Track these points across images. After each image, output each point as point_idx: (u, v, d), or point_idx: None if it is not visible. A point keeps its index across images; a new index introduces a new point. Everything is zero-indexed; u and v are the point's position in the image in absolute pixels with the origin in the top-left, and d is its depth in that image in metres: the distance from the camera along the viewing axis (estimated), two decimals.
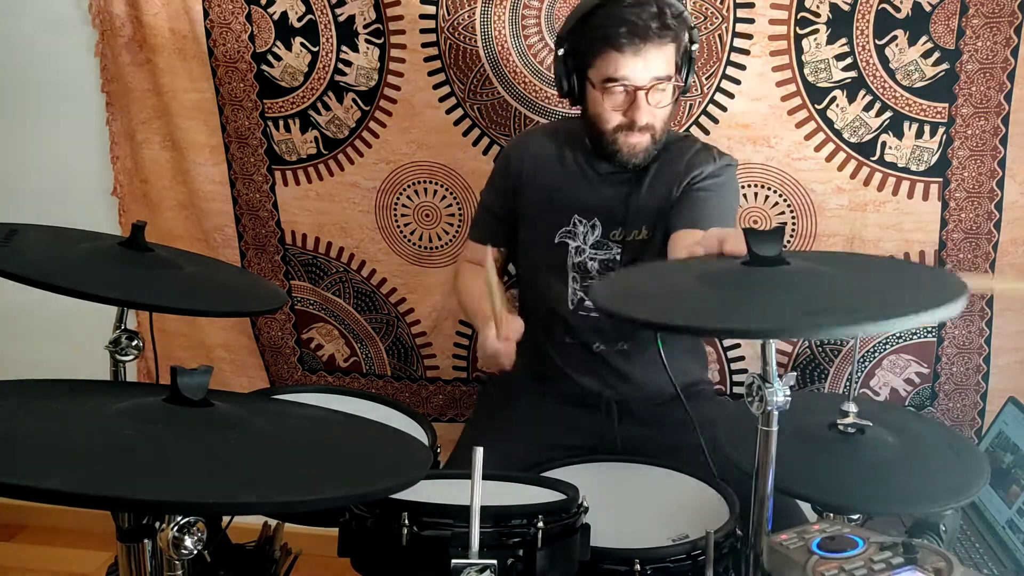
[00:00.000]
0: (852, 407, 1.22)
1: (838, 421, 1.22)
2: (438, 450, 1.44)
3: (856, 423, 1.21)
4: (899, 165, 1.80)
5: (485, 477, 1.02)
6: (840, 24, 1.74)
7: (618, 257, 1.60)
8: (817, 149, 1.81)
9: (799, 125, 1.80)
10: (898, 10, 1.72)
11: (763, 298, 1.00)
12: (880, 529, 1.08)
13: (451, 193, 1.96)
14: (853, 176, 1.81)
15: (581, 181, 1.62)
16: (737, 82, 1.80)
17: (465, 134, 1.92)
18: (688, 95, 1.81)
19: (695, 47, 1.52)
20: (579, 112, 1.61)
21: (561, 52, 1.53)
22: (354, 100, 1.93)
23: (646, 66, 1.45)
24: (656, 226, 1.58)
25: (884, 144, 1.79)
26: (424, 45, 1.87)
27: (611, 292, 1.16)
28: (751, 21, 1.77)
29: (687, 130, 1.83)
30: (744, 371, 1.98)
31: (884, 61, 1.75)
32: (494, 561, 1.01)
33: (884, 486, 1.15)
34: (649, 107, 1.48)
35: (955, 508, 1.20)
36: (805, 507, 1.36)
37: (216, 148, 2.02)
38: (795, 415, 1.04)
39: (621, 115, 1.51)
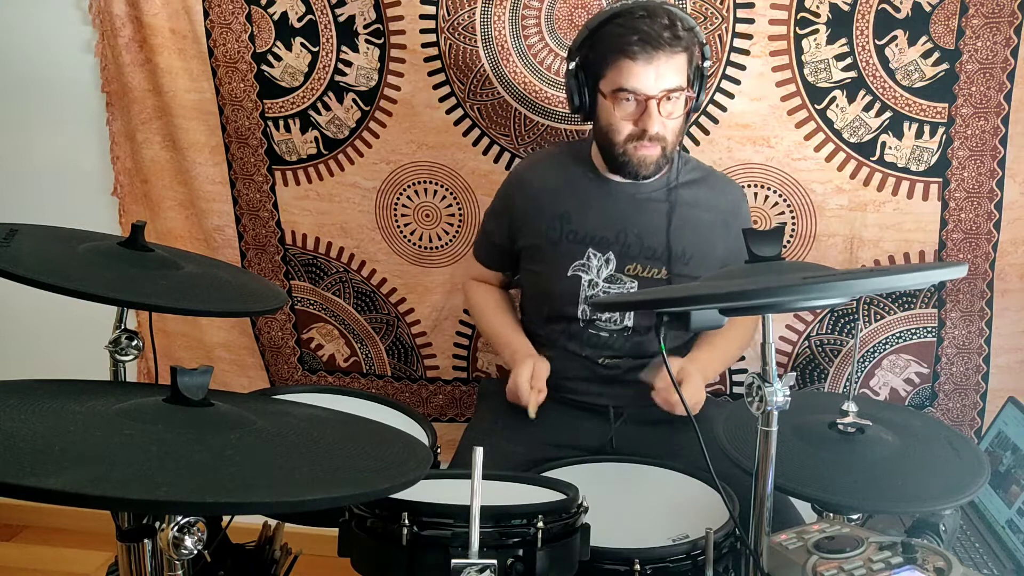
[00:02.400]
0: (852, 406, 1.22)
1: (838, 420, 1.22)
2: (438, 450, 1.44)
3: (856, 422, 1.21)
4: (899, 165, 1.80)
5: (485, 477, 1.02)
6: (840, 24, 1.74)
7: (633, 291, 1.60)
8: (817, 149, 1.81)
9: (799, 125, 1.80)
10: (898, 10, 1.72)
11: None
12: (880, 529, 1.08)
13: (451, 193, 1.96)
14: (853, 176, 1.81)
15: (594, 206, 1.61)
16: (737, 82, 1.80)
17: (465, 134, 1.92)
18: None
19: (707, 63, 1.54)
20: (588, 128, 1.62)
21: (572, 65, 1.54)
22: (354, 100, 1.93)
23: (657, 75, 1.46)
24: (678, 268, 1.58)
25: (884, 144, 1.79)
26: (424, 45, 1.87)
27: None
28: (751, 21, 1.77)
29: (687, 131, 1.83)
30: (744, 371, 1.98)
31: (884, 61, 1.75)
32: (494, 561, 1.01)
33: (884, 485, 1.15)
34: (660, 117, 1.49)
35: (956, 507, 1.19)
36: (804, 507, 1.36)
37: (216, 148, 2.02)
38: (795, 414, 1.04)
39: (632, 124, 1.51)
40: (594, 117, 1.57)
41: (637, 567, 1.14)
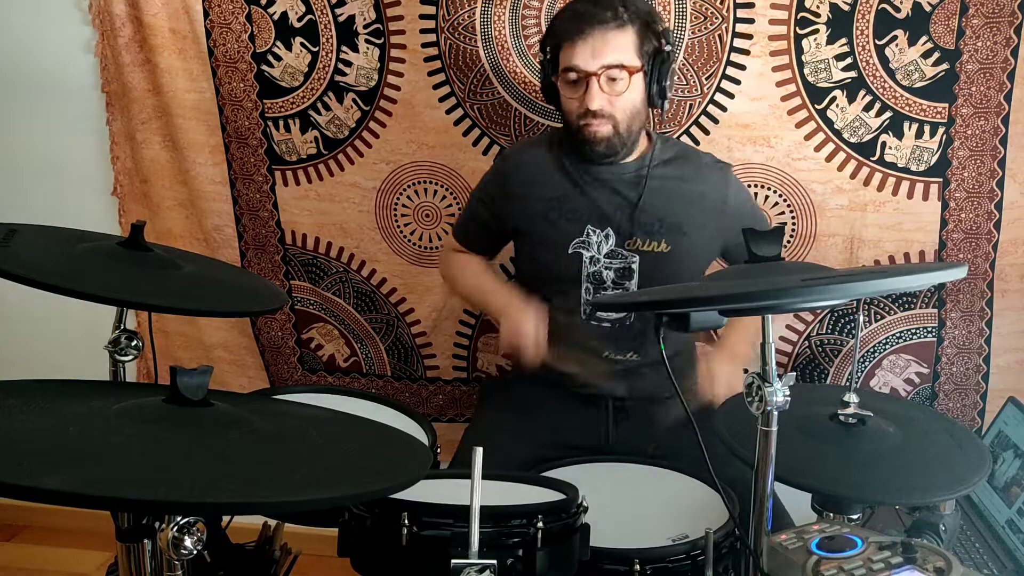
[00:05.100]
0: (853, 397, 1.21)
1: (839, 412, 1.22)
2: (438, 450, 1.44)
3: (857, 413, 1.21)
4: (899, 165, 1.80)
5: (485, 477, 1.02)
6: (840, 24, 1.74)
7: (634, 266, 1.60)
8: (817, 149, 1.81)
9: (799, 125, 1.80)
10: (898, 10, 1.72)
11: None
12: (879, 529, 1.08)
13: (451, 193, 1.96)
14: (853, 176, 1.81)
15: (585, 188, 1.62)
16: (737, 82, 1.80)
17: (465, 134, 1.92)
18: (688, 95, 1.82)
19: (668, 48, 1.54)
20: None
21: (540, 58, 1.61)
22: (354, 100, 1.93)
23: (594, 53, 1.49)
24: (677, 242, 1.60)
25: (884, 144, 1.79)
26: (424, 45, 1.87)
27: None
28: (751, 21, 1.77)
29: (687, 130, 1.83)
30: (744, 371, 1.98)
31: (884, 61, 1.75)
32: (494, 561, 1.01)
33: (886, 476, 1.14)
34: (603, 94, 1.51)
35: (957, 497, 1.19)
36: (801, 508, 1.36)
37: (216, 148, 2.02)
38: (797, 407, 1.04)
39: (578, 103, 1.54)
40: (558, 102, 1.61)
41: (637, 567, 1.14)
